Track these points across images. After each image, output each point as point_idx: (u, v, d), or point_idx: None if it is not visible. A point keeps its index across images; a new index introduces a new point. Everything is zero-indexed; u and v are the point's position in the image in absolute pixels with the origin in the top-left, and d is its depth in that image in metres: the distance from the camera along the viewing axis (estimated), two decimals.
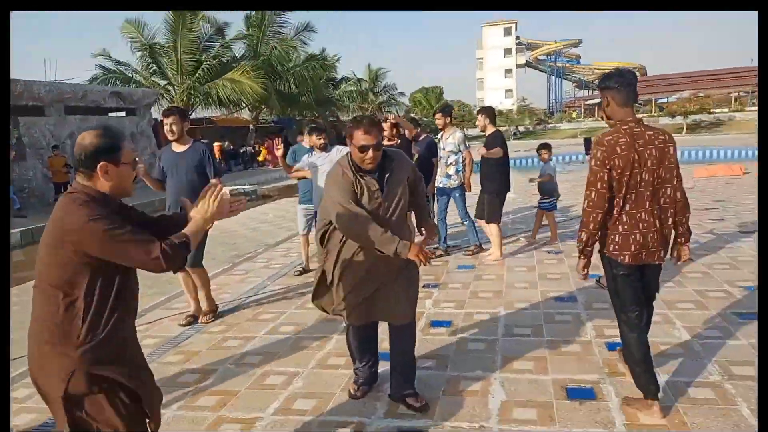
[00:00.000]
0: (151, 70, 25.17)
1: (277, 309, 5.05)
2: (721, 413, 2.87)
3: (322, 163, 5.51)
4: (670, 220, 2.88)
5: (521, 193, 11.31)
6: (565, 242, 6.88)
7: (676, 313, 4.26)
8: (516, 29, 74.19)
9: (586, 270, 2.99)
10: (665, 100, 54.12)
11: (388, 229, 2.80)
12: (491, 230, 6.29)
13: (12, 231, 11.37)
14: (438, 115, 6.56)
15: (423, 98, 61.28)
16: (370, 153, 2.78)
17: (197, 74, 24.27)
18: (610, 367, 3.46)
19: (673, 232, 2.94)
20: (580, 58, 77.86)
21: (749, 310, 4.20)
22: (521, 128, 47.32)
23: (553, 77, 74.09)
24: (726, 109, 44.06)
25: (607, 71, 2.98)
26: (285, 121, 33.78)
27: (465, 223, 6.65)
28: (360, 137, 2.77)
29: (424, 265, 2.77)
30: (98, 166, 1.90)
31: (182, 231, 1.97)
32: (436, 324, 4.37)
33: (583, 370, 3.45)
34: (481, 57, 76.11)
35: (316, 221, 5.78)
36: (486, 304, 4.81)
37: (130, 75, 25.08)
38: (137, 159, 2.09)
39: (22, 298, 6.27)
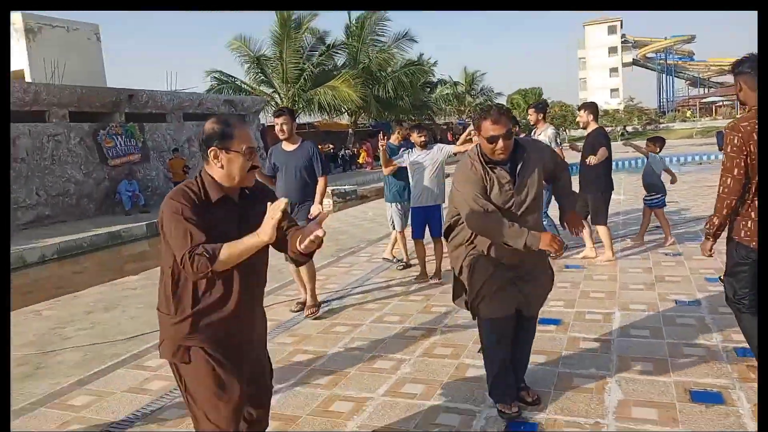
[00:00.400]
0: (258, 80, 26.61)
1: (381, 300, 5.15)
2: None
3: (423, 159, 5.59)
4: None
5: (629, 194, 10.73)
6: (683, 244, 6.43)
7: None
8: (621, 27, 70.54)
9: (712, 251, 2.96)
10: None
11: (519, 223, 2.70)
12: (600, 231, 6.00)
13: (138, 224, 12.51)
14: (530, 111, 6.40)
15: (521, 100, 59.73)
16: (500, 143, 2.65)
17: (300, 82, 25.33)
18: (740, 372, 3.20)
19: None
20: (694, 54, 72.51)
21: None
22: (629, 128, 44.75)
23: (664, 75, 69.51)
24: None
25: (739, 59, 2.82)
26: (382, 125, 34.34)
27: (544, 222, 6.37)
28: (488, 127, 2.65)
29: (558, 253, 2.67)
30: (209, 151, 2.00)
31: (229, 242, 1.87)
32: (543, 321, 4.23)
33: (708, 374, 3.21)
34: (583, 57, 73.07)
35: (410, 218, 5.88)
36: (598, 304, 4.61)
37: (240, 84, 26.65)
38: (250, 148, 2.04)
39: (148, 281, 6.90)
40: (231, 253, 1.85)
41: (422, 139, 5.68)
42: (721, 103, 51.73)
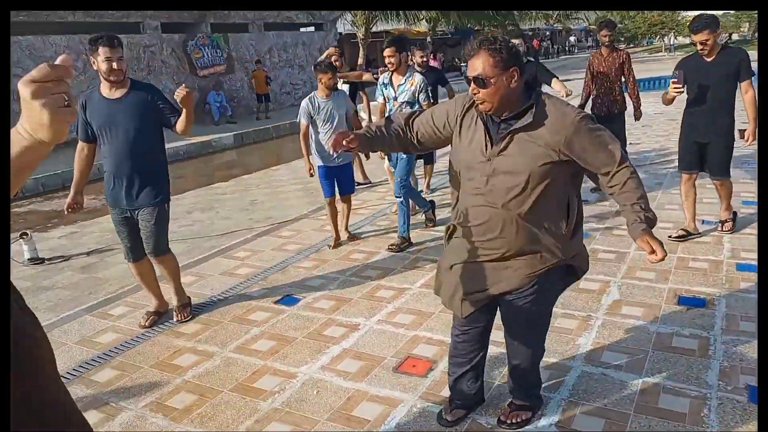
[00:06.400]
0: None
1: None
2: None
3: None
4: None
5: None
6: None
7: None
8: None
9: None
10: None
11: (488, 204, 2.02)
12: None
13: (227, 134, 13.68)
14: (388, 51, 4.66)
15: None
16: (472, 85, 1.93)
17: None
18: (731, 283, 3.66)
19: None
20: None
21: None
22: (735, 36, 40.65)
23: None
24: None
25: None
26: (463, 32, 33.31)
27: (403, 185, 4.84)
28: (470, 65, 1.94)
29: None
30: None
31: None
32: None
33: (702, 284, 3.70)
34: None
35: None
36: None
37: None
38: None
39: (237, 187, 7.96)
40: None
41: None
42: None
